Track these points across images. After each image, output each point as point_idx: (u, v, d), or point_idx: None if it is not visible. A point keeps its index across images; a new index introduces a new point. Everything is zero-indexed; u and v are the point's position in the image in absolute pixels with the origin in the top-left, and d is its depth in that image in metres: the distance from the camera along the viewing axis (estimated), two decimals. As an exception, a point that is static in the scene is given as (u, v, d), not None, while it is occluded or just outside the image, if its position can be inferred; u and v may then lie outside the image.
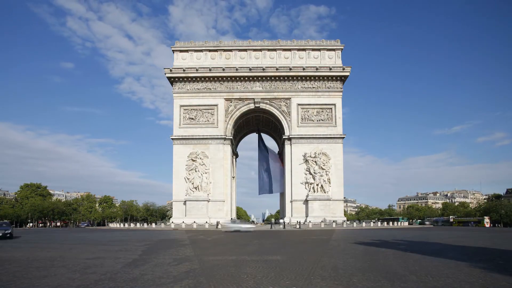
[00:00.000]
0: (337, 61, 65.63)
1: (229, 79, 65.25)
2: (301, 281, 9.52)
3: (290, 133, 64.40)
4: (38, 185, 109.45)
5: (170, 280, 9.80)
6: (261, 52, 66.00)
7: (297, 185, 62.96)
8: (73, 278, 10.28)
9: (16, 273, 11.26)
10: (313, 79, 65.05)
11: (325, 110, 65.13)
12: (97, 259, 14.91)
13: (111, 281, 9.72)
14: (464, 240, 27.28)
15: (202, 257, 15.38)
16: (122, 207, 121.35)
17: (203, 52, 66.14)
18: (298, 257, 15.60)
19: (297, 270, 11.50)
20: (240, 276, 10.43)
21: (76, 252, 18.26)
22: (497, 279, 9.90)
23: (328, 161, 62.58)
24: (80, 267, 12.40)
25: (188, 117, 65.01)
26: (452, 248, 20.24)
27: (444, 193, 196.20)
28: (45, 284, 9.33)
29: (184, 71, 64.41)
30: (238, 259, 14.72)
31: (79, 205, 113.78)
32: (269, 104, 65.54)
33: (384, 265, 12.72)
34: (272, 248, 20.06)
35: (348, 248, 19.51)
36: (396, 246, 20.85)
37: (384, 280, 9.71)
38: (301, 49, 65.79)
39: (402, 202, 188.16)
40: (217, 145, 63.98)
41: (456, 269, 11.61)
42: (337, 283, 9.31)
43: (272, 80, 65.31)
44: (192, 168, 62.68)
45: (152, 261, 14.06)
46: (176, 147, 64.08)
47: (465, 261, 13.64)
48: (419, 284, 9.17)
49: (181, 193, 62.69)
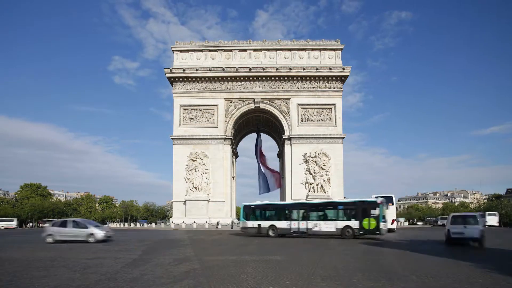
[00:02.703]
0: (337, 61, 65.68)
1: (229, 79, 65.28)
2: (301, 281, 9.52)
3: (290, 133, 64.43)
4: (38, 185, 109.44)
5: (170, 280, 9.80)
6: (261, 52, 66.03)
7: (297, 185, 62.98)
8: (73, 278, 10.28)
9: (16, 273, 11.26)
10: (313, 79, 65.08)
11: (325, 110, 65.16)
12: (97, 259, 14.92)
13: (111, 281, 9.72)
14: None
15: (202, 257, 15.38)
16: (122, 207, 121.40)
17: (203, 52, 66.16)
18: (298, 257, 15.61)
19: (297, 270, 11.51)
20: (240, 276, 10.43)
21: (76, 252, 18.26)
22: (497, 279, 9.90)
23: (328, 161, 62.63)
24: (80, 267, 12.41)
25: (188, 117, 65.04)
26: (452, 248, 20.24)
27: (444, 193, 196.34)
28: (45, 284, 9.33)
29: (184, 71, 64.43)
30: (238, 259, 14.72)
31: (79, 205, 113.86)
32: (269, 104, 65.58)
33: (384, 265, 12.72)
34: (272, 248, 20.07)
35: (348, 248, 19.53)
36: (396, 246, 20.87)
37: (384, 280, 9.72)
38: (301, 49, 65.82)
39: (402, 202, 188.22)
40: (217, 145, 64.01)
41: (457, 269, 11.61)
42: (337, 283, 9.32)
43: (272, 80, 65.34)
44: (192, 168, 62.70)
45: (152, 261, 14.07)
46: (176, 147, 64.11)
47: (465, 261, 13.65)
48: (419, 284, 9.17)
49: (181, 193, 62.70)
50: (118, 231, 49.25)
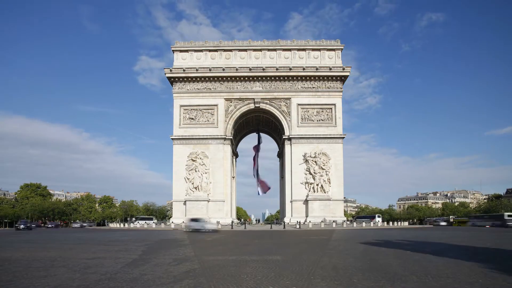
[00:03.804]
0: (337, 61, 65.71)
1: (229, 79, 65.30)
2: (301, 281, 9.52)
3: (290, 133, 64.45)
4: (38, 185, 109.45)
5: (170, 280, 9.80)
6: (261, 52, 66.05)
7: (297, 185, 63.03)
8: (73, 278, 10.28)
9: (16, 273, 11.25)
10: (313, 79, 65.12)
11: (325, 110, 65.20)
12: (97, 259, 14.90)
13: (111, 281, 9.71)
14: (464, 240, 27.27)
15: (202, 257, 15.37)
16: (122, 207, 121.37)
17: (203, 52, 66.17)
18: (298, 257, 15.60)
19: (297, 270, 11.50)
20: (240, 276, 10.43)
21: (76, 252, 18.24)
22: (497, 279, 9.90)
23: (328, 161, 62.66)
24: (80, 267, 12.40)
25: (188, 117, 65.05)
26: (453, 248, 20.23)
27: (444, 193, 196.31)
28: (45, 284, 9.33)
29: (184, 71, 64.45)
30: (238, 259, 14.71)
31: (79, 205, 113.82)
32: (269, 104, 65.59)
33: (384, 265, 12.71)
34: (272, 248, 20.06)
35: (348, 248, 19.52)
36: (396, 246, 20.86)
37: (384, 280, 9.71)
38: (301, 49, 65.84)
39: (402, 202, 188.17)
40: (217, 145, 64.02)
41: (456, 269, 11.61)
42: (337, 283, 9.31)
43: (272, 80, 65.36)
44: (192, 168, 62.72)
45: (152, 261, 14.06)
46: (176, 147, 64.14)
47: (465, 261, 13.64)
48: (419, 284, 9.17)
49: (181, 193, 62.75)
50: (118, 231, 49.23)
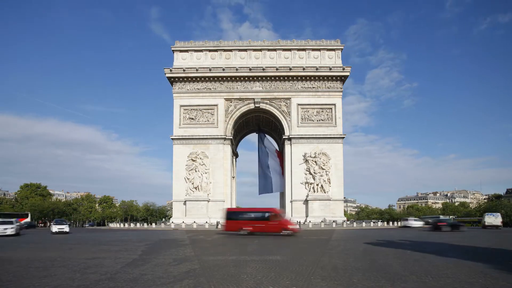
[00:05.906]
0: (337, 61, 65.69)
1: (229, 79, 65.26)
2: (301, 281, 9.52)
3: (290, 133, 64.42)
4: (38, 185, 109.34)
5: (170, 280, 9.80)
6: (261, 52, 66.03)
7: (297, 185, 62.99)
8: (73, 278, 10.28)
9: (16, 273, 11.26)
10: (313, 79, 65.09)
11: (325, 110, 65.18)
12: (97, 259, 14.90)
13: (111, 281, 9.71)
14: (464, 240, 27.27)
15: (202, 257, 15.38)
16: (122, 207, 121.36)
17: (203, 52, 66.14)
18: (298, 257, 15.60)
19: (297, 270, 11.51)
20: (240, 276, 10.43)
21: (76, 252, 18.25)
22: (497, 279, 9.90)
23: (328, 161, 62.63)
24: (80, 267, 12.40)
25: (188, 117, 65.03)
26: (452, 248, 20.24)
27: (444, 193, 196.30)
28: (45, 284, 9.33)
29: (184, 71, 64.42)
30: (238, 259, 14.72)
31: (79, 205, 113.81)
32: (269, 104, 65.57)
33: (384, 265, 12.71)
34: (272, 248, 20.07)
35: (348, 248, 19.52)
36: (396, 246, 20.86)
37: (384, 280, 9.71)
38: (301, 49, 65.82)
39: (402, 202, 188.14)
40: (217, 145, 63.99)
41: (456, 269, 11.61)
42: (337, 283, 9.31)
43: (272, 80, 65.33)
44: (192, 168, 62.69)
45: (152, 261, 14.06)
46: (176, 147, 64.11)
47: (465, 261, 13.65)
48: (419, 284, 9.17)
49: (181, 193, 62.70)
50: (118, 231, 49.25)
